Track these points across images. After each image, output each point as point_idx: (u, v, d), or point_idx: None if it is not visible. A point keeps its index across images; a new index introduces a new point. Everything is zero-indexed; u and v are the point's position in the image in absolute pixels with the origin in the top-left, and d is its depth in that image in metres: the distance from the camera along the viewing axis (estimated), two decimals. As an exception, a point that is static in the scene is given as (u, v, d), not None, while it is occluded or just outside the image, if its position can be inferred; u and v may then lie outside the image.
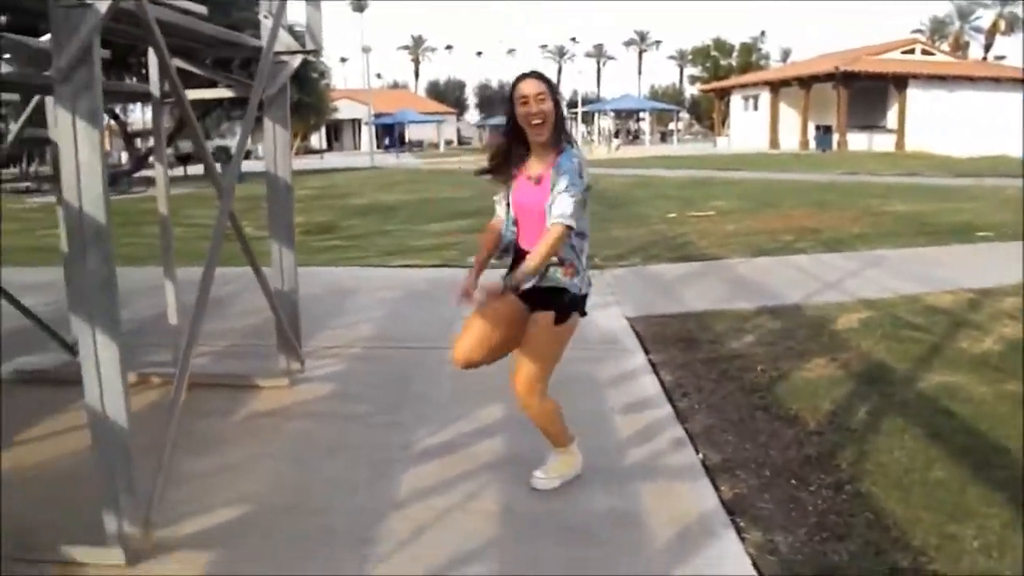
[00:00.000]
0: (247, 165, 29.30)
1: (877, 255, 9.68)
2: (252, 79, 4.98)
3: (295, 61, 4.66)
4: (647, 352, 5.83)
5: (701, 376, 5.32)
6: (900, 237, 11.01)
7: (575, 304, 3.47)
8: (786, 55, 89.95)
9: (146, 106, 24.18)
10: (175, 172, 30.58)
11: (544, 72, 3.47)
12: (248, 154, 33.55)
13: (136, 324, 6.52)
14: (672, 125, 64.57)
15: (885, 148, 37.61)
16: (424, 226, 13.81)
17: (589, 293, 3.54)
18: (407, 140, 63.10)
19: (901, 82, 38.56)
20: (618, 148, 46.50)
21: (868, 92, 39.27)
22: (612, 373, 5.37)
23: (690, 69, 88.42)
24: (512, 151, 3.48)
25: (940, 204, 14.97)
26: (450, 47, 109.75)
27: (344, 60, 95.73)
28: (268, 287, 4.70)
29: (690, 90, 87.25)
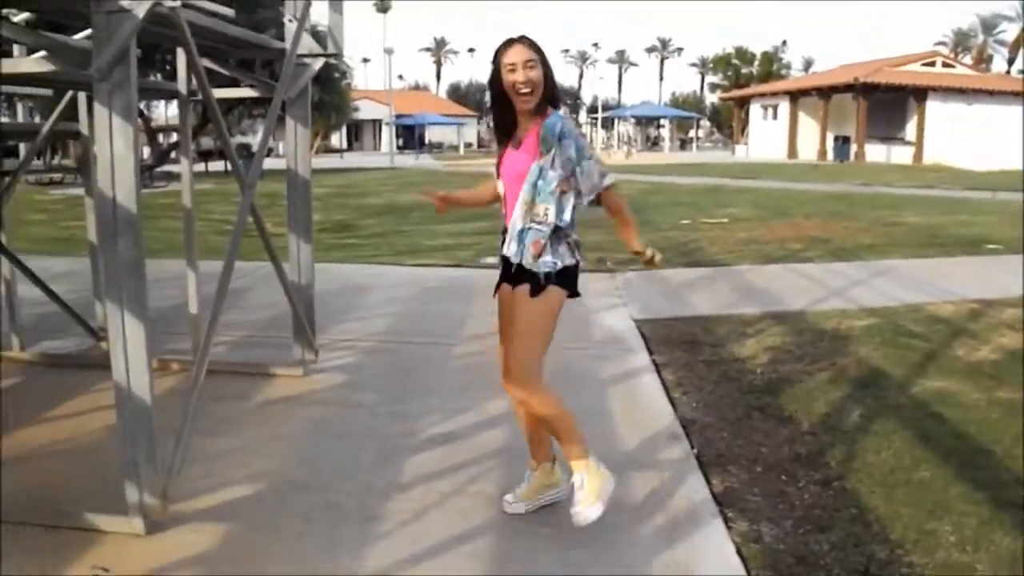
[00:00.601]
0: (267, 163, 29.68)
1: (885, 265, 9.81)
2: (274, 79, 5.21)
3: (317, 64, 4.87)
4: (651, 352, 5.99)
5: (702, 377, 5.48)
6: (909, 248, 11.14)
7: (550, 278, 3.20)
8: (808, 65, 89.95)
9: (169, 103, 24.48)
10: (196, 168, 30.92)
11: (531, 37, 3.23)
12: (269, 152, 34.00)
13: (156, 313, 6.70)
14: (692, 132, 64.68)
15: (903, 160, 37.64)
16: (439, 227, 14.00)
17: (573, 267, 3.28)
18: (427, 142, 63.41)
19: (920, 94, 38.58)
20: (628, 155, 46.65)
21: (887, 104, 39.28)
22: (615, 371, 5.54)
23: (711, 77, 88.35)
24: (501, 122, 3.30)
25: (952, 216, 15.07)
26: (472, 50, 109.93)
27: (366, 61, 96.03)
28: (286, 280, 4.90)
29: (710, 98, 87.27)
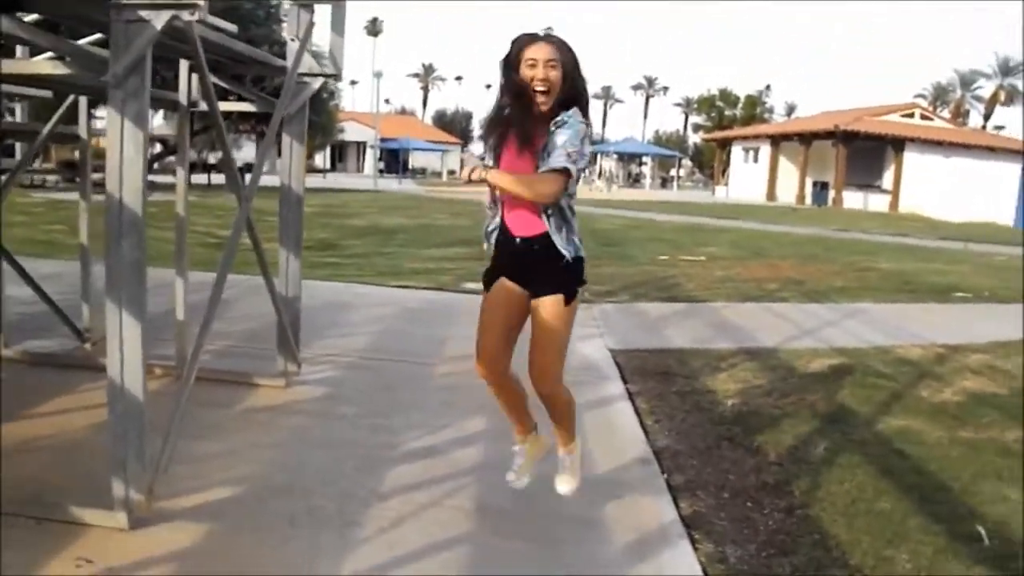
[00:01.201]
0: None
1: (856, 307, 10.03)
2: (263, 95, 5.36)
3: (316, 82, 5.01)
4: (625, 381, 6.13)
5: (674, 406, 5.62)
6: (881, 292, 11.38)
7: (579, 275, 3.26)
8: (791, 110, 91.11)
9: (155, 113, 24.44)
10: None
11: (560, 36, 3.13)
12: (249, 167, 34.03)
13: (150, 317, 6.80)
14: (673, 171, 65.28)
15: (880, 208, 38.24)
16: (422, 250, 14.13)
17: (585, 259, 3.29)
18: (410, 166, 63.63)
19: (899, 144, 39.29)
20: (609, 190, 47.03)
21: (866, 152, 39.96)
22: (590, 397, 5.65)
23: (695, 117, 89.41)
24: (516, 118, 3.12)
25: (925, 264, 15.38)
26: (460, 78, 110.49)
27: (354, 83, 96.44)
28: (275, 292, 5.00)
29: (693, 138, 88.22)
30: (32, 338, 6.14)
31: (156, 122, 40.16)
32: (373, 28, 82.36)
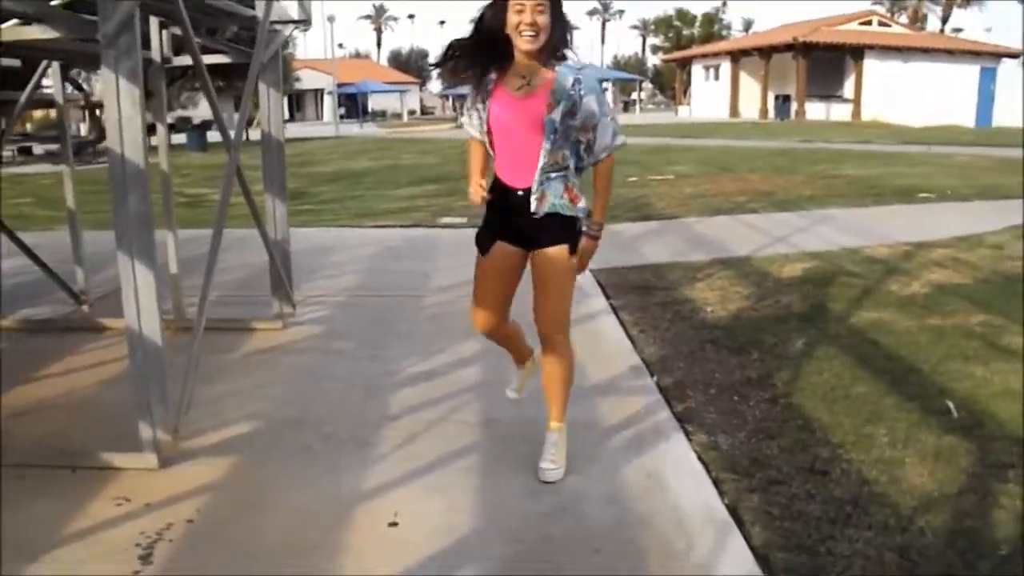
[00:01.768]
0: (212, 135, 29.46)
1: (825, 214, 10.31)
2: (236, 46, 5.44)
3: (287, 30, 5.12)
4: (608, 297, 6.37)
5: (656, 316, 5.87)
6: (848, 198, 11.67)
7: (579, 227, 3.31)
8: (748, 25, 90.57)
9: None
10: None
11: None
12: (209, 124, 33.66)
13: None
14: (635, 94, 65.14)
15: (842, 117, 38.45)
16: (392, 191, 14.22)
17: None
18: (370, 110, 63.06)
19: (858, 53, 39.35)
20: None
21: (826, 62, 39.99)
22: (576, 314, 5.83)
23: (652, 39, 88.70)
24: (488, 57, 3.12)
25: (889, 169, 15.68)
26: (412, 16, 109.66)
27: (306, 29, 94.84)
28: (267, 236, 5.17)
29: (652, 60, 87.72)
30: (26, 306, 6.27)
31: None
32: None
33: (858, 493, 3.30)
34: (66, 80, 5.52)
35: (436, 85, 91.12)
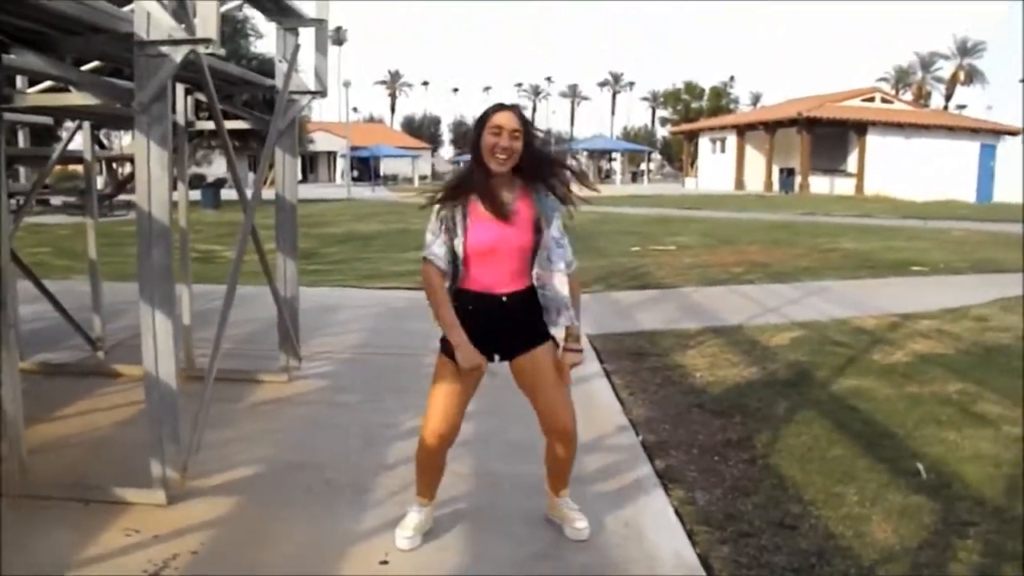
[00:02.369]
0: (224, 193, 30.03)
1: (819, 286, 10.58)
2: (254, 113, 5.79)
3: (304, 99, 5.46)
4: (602, 362, 6.61)
5: (647, 380, 6.11)
6: (843, 271, 11.95)
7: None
8: (756, 99, 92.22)
9: (126, 134, 24.48)
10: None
11: (523, 111, 3.31)
12: (223, 182, 34.31)
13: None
14: (643, 165, 66.00)
15: (846, 191, 38.99)
16: (400, 254, 14.55)
17: None
18: (382, 174, 63.93)
19: (861, 128, 40.07)
20: (580, 188, 47.36)
21: (830, 137, 40.72)
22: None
23: (662, 111, 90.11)
24: (473, 181, 3.26)
25: (886, 242, 15.98)
26: (427, 83, 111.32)
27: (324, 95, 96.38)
28: (277, 292, 5.45)
29: (661, 131, 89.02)
30: (43, 351, 6.54)
31: (125, 141, 40.39)
32: (337, 37, 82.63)
33: (824, 546, 3.52)
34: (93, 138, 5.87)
35: (448, 151, 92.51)
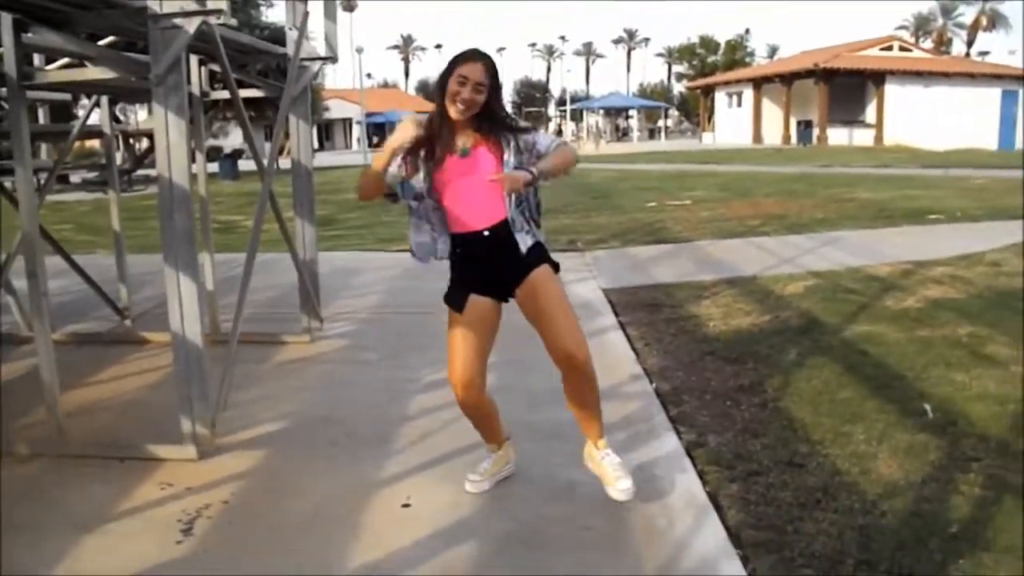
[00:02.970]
0: (244, 164, 30.21)
1: (834, 236, 10.62)
2: (268, 81, 5.89)
3: (316, 65, 5.57)
4: (617, 315, 6.73)
5: (661, 331, 6.22)
6: (859, 220, 11.97)
7: (547, 254, 3.34)
8: (772, 52, 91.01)
9: (141, 109, 24.70)
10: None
11: (495, 62, 3.21)
12: (240, 153, 34.47)
13: (162, 297, 7.38)
14: (660, 122, 65.57)
15: (864, 142, 38.65)
16: (418, 217, 14.64)
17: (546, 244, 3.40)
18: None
19: (879, 78, 39.63)
20: (598, 146, 47.25)
21: (847, 88, 40.29)
22: (585, 329, 6.12)
23: (677, 67, 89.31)
24: (434, 124, 3.21)
25: (903, 192, 15.94)
26: (440, 46, 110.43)
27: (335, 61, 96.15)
28: (296, 255, 5.59)
29: (677, 87, 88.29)
30: (72, 322, 6.72)
31: (141, 116, 40.58)
32: (348, 4, 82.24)
33: (830, 483, 3.64)
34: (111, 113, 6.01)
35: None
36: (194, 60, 5.58)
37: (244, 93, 5.91)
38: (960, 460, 3.84)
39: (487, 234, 3.27)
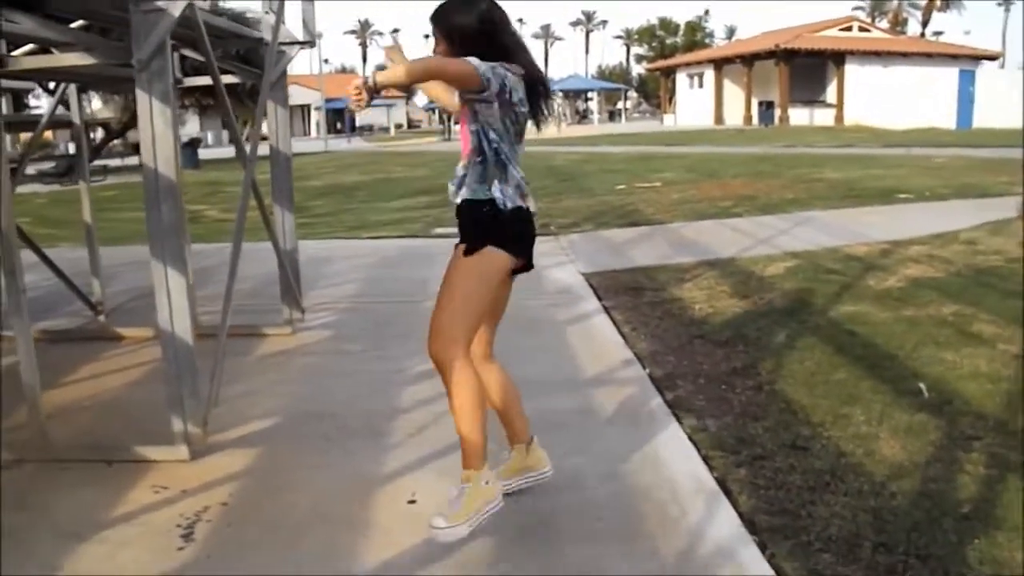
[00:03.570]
0: (202, 152, 29.74)
1: (806, 216, 10.66)
2: (243, 66, 5.74)
3: (293, 50, 5.42)
4: (600, 299, 6.68)
5: (647, 315, 6.18)
6: (829, 200, 12.03)
7: (492, 229, 2.93)
8: (731, 33, 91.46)
9: (93, 97, 24.33)
10: (130, 161, 30.88)
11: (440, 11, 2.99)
12: (199, 141, 33.97)
13: (138, 291, 7.20)
14: (620, 104, 65.66)
15: (826, 122, 38.94)
16: (385, 203, 14.53)
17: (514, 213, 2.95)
18: (357, 125, 63.33)
19: (839, 58, 39.93)
20: (559, 128, 47.10)
21: (808, 68, 40.54)
22: (569, 315, 6.20)
23: (636, 48, 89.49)
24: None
25: (869, 171, 16.06)
26: (397, 31, 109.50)
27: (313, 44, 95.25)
28: (278, 244, 5.47)
29: (637, 69, 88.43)
30: (42, 319, 6.52)
31: (95, 105, 39.76)
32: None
33: (836, 465, 3.61)
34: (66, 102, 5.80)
35: (421, 98, 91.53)
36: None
37: (225, 79, 5.76)
38: (960, 439, 3.84)
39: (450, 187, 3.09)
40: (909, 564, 2.82)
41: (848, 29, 44.03)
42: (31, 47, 4.96)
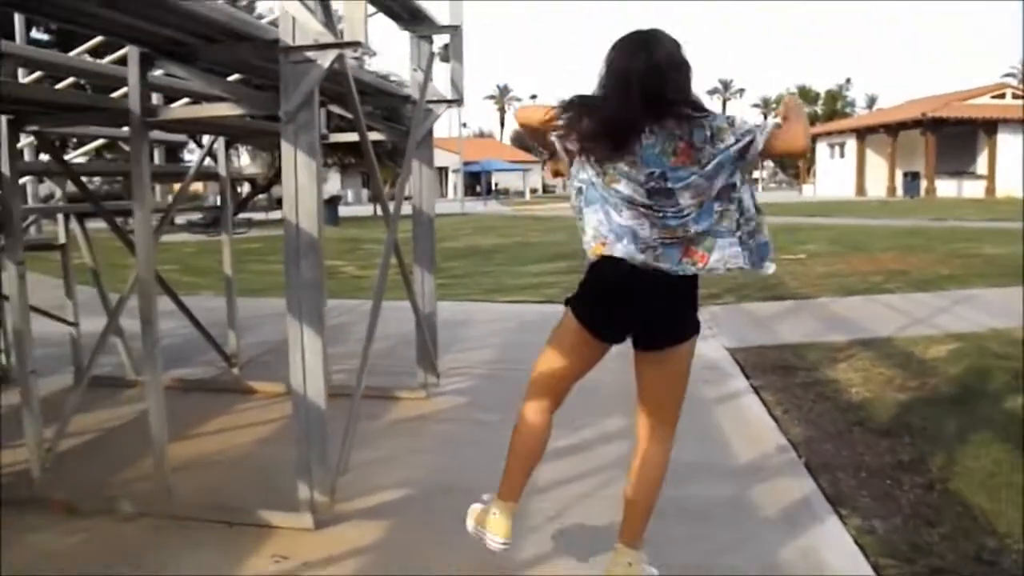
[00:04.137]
0: (342, 211, 30.53)
1: (966, 294, 9.95)
2: (390, 124, 5.68)
3: (441, 109, 5.33)
4: (748, 377, 6.28)
5: (799, 397, 5.75)
6: (990, 278, 11.23)
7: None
8: (872, 102, 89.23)
9: (241, 153, 25.66)
10: (274, 215, 31.99)
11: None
12: (339, 199, 34.96)
13: (271, 344, 7.20)
14: (756, 173, 64.62)
15: (975, 194, 37.28)
16: (522, 267, 14.42)
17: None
18: (494, 187, 64.31)
19: (991, 127, 38.29)
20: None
21: (956, 138, 39.04)
22: (718, 394, 5.83)
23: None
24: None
25: (1031, 248, 15.05)
26: (535, 96, 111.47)
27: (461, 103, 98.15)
28: (417, 307, 5.32)
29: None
30: (177, 366, 6.57)
31: (244, 160, 41.51)
32: (445, 54, 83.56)
33: (1032, 585, 3.15)
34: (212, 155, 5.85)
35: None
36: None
37: (372, 136, 5.72)
38: None
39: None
40: None
41: (1001, 96, 42.22)
42: (185, 101, 5.04)
